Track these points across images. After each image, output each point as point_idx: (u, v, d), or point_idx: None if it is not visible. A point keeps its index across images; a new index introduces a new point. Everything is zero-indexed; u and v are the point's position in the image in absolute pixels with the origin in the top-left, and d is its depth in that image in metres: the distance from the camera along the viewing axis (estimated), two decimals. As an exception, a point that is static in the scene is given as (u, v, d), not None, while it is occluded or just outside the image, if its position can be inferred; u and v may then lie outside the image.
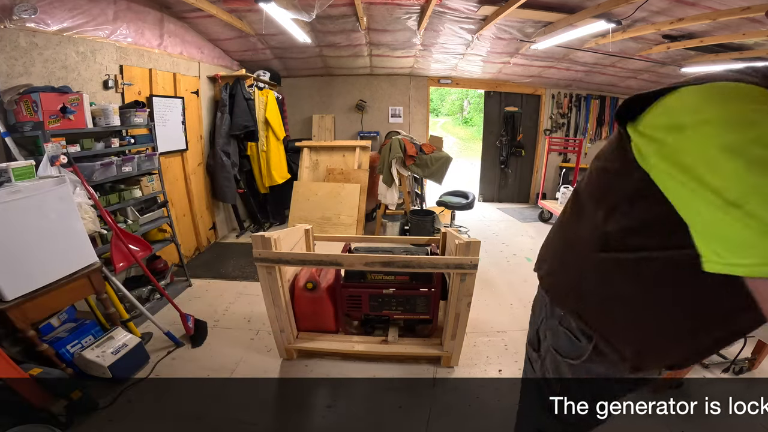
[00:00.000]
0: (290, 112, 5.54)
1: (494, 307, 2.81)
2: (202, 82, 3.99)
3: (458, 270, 1.92)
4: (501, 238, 4.55)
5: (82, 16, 2.56)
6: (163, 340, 2.39)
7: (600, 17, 3.11)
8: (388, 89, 5.72)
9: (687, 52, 4.05)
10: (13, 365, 1.67)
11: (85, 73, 2.63)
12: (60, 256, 1.97)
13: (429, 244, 2.59)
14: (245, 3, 3.20)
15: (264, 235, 1.92)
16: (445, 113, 18.32)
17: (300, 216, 4.28)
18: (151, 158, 2.85)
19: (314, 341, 2.28)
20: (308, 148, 4.81)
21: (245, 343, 2.42)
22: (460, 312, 2.02)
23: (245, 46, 4.33)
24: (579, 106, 6.01)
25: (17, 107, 2.12)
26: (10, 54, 2.18)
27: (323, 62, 5.05)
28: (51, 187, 1.95)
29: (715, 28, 3.28)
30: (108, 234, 2.38)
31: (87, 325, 2.12)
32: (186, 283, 3.20)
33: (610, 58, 4.47)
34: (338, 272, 2.27)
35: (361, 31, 3.94)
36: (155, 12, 3.22)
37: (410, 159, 4.17)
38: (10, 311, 1.75)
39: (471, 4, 3.30)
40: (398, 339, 2.28)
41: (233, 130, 4.12)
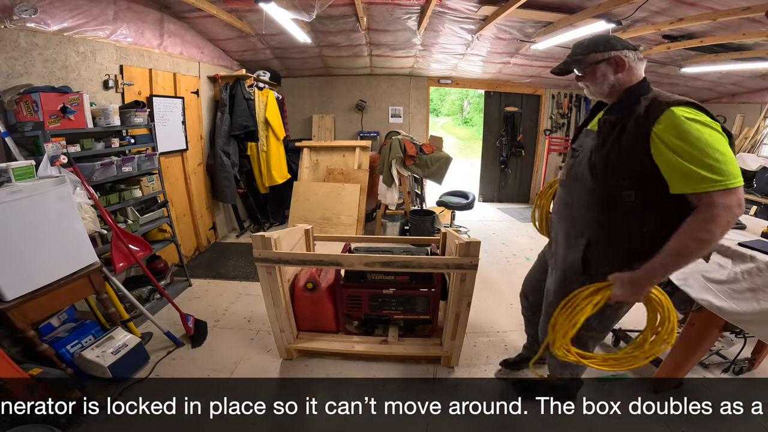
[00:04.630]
0: (290, 112, 5.54)
1: (494, 307, 2.81)
2: (202, 82, 3.99)
3: (458, 270, 1.92)
4: (501, 238, 4.55)
5: (83, 16, 2.56)
6: (163, 340, 2.39)
7: (600, 17, 3.10)
8: (388, 89, 5.72)
9: (687, 52, 4.05)
10: (13, 365, 1.67)
11: (85, 73, 2.63)
12: (60, 256, 1.97)
13: (429, 245, 2.59)
14: (245, 3, 3.20)
15: (264, 235, 1.92)
16: (445, 113, 18.31)
17: (300, 216, 4.28)
18: (151, 158, 2.84)
19: (314, 341, 2.28)
20: (308, 148, 4.81)
21: (245, 343, 2.42)
22: (460, 312, 2.02)
23: (245, 46, 4.33)
24: (579, 106, 6.01)
25: (17, 107, 2.12)
26: (10, 54, 2.18)
27: (323, 62, 5.05)
28: (51, 187, 1.95)
29: (715, 28, 3.28)
30: (108, 234, 2.38)
31: (87, 325, 2.12)
32: (186, 283, 3.20)
33: (610, 58, 4.46)
34: (338, 272, 2.27)
35: (361, 31, 3.94)
36: (155, 12, 3.22)
37: (410, 159, 4.17)
38: (10, 311, 1.75)
39: (471, 4, 3.30)
40: (398, 339, 2.28)
41: (233, 130, 4.11)
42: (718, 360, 2.14)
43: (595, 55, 1.33)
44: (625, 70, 1.31)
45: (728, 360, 2.10)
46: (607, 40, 1.34)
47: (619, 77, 1.31)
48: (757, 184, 3.85)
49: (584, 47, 1.37)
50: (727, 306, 1.52)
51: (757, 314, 1.44)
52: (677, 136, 1.12)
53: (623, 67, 1.31)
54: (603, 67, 1.32)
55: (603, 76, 1.33)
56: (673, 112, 1.15)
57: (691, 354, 1.82)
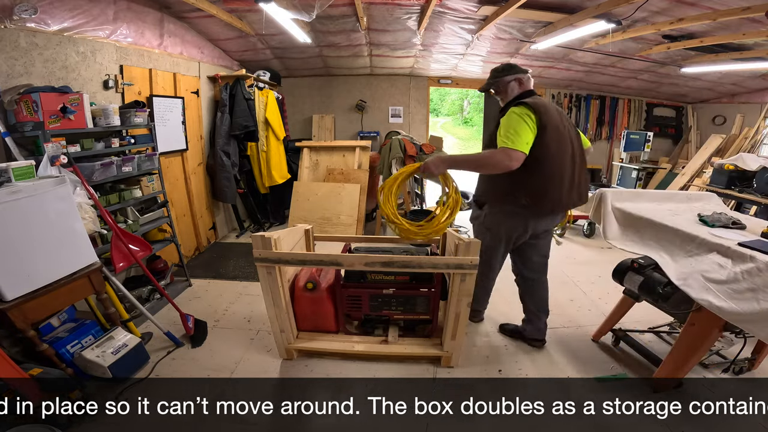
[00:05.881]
0: (290, 112, 5.54)
1: (494, 306, 2.80)
2: (202, 82, 3.99)
3: (458, 270, 1.92)
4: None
5: (83, 16, 2.56)
6: (163, 340, 2.38)
7: (600, 17, 3.11)
8: (388, 89, 5.72)
9: (687, 52, 4.05)
10: (13, 365, 1.67)
11: (85, 73, 2.63)
12: (60, 256, 1.97)
13: (429, 244, 2.59)
14: (245, 3, 3.20)
15: (264, 235, 1.92)
16: (445, 113, 18.32)
17: (300, 216, 4.28)
18: (151, 158, 2.84)
19: (314, 341, 2.28)
20: (308, 148, 4.81)
21: (245, 343, 2.42)
22: (460, 312, 2.02)
23: (245, 46, 4.33)
24: (579, 106, 6.01)
25: (17, 107, 2.12)
26: (10, 54, 2.18)
27: (323, 62, 5.05)
28: (51, 187, 1.95)
29: (715, 28, 3.29)
30: (108, 234, 2.38)
31: (87, 325, 2.11)
32: (186, 283, 3.20)
33: (610, 59, 4.47)
34: (338, 272, 2.27)
35: (361, 31, 3.94)
36: (155, 12, 3.22)
37: (410, 159, 4.17)
38: (10, 311, 1.75)
39: (471, 4, 3.30)
40: (398, 339, 2.28)
41: (233, 130, 4.11)
42: (718, 360, 2.14)
43: (507, 77, 2.07)
44: (522, 85, 2.07)
45: (728, 360, 2.10)
46: (512, 67, 2.09)
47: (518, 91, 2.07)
48: (757, 184, 3.84)
49: (499, 72, 2.10)
50: (727, 306, 1.52)
51: (757, 314, 1.44)
52: (504, 120, 1.93)
53: (521, 84, 2.07)
54: (512, 84, 2.07)
55: (511, 90, 2.08)
56: (512, 108, 1.93)
57: (691, 354, 1.82)
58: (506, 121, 1.89)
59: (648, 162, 5.59)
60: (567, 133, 2.01)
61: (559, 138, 1.94)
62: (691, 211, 2.09)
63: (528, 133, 1.85)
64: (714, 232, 1.76)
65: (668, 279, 1.78)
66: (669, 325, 2.40)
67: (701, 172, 5.06)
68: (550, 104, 2.05)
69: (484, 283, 2.36)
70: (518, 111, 1.88)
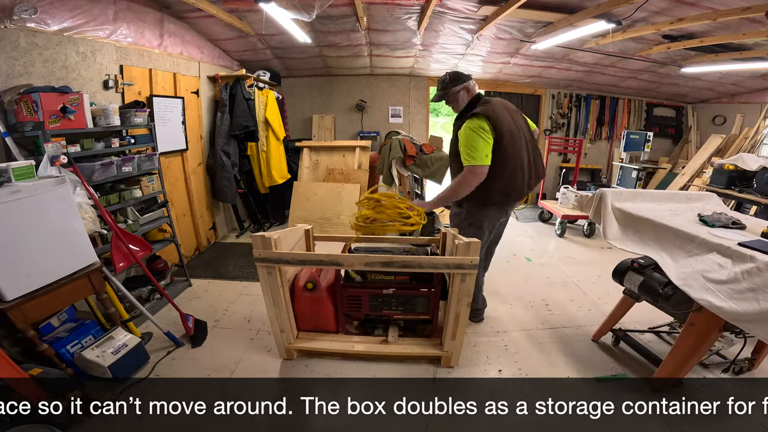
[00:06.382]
0: (290, 112, 5.53)
1: (494, 307, 2.81)
2: (202, 82, 3.99)
3: (458, 270, 1.92)
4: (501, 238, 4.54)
5: (83, 16, 2.56)
6: (163, 340, 2.38)
7: (600, 17, 3.11)
8: (388, 89, 5.71)
9: (687, 52, 4.05)
10: (13, 365, 1.67)
11: (85, 73, 2.63)
12: (60, 256, 1.97)
13: (429, 244, 2.59)
14: (245, 3, 3.20)
15: (264, 235, 1.92)
16: (445, 113, 18.28)
17: (300, 216, 4.28)
18: (151, 158, 2.84)
19: (314, 341, 2.28)
20: (308, 148, 4.81)
21: (245, 343, 2.42)
22: (460, 312, 2.02)
23: (245, 46, 4.33)
24: (579, 106, 6.01)
25: (17, 107, 2.12)
26: (10, 54, 2.18)
27: (323, 62, 5.05)
28: (51, 187, 1.95)
29: (715, 28, 3.29)
30: (108, 234, 2.38)
31: (87, 325, 2.11)
32: (186, 283, 3.20)
33: (610, 59, 4.47)
34: (338, 272, 2.27)
35: (361, 31, 3.94)
36: (155, 12, 3.22)
37: (410, 159, 4.17)
38: (10, 311, 1.75)
39: (471, 4, 3.30)
40: (398, 339, 2.28)
41: (233, 130, 4.11)
42: (718, 360, 2.14)
43: (456, 87, 2.22)
44: (470, 93, 2.23)
45: (728, 360, 2.10)
46: (458, 77, 2.23)
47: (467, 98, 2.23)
48: (757, 184, 3.84)
49: (447, 84, 2.23)
50: (727, 306, 1.52)
51: (757, 314, 1.44)
52: (462, 136, 2.12)
53: (469, 92, 2.23)
54: (461, 93, 2.22)
55: (462, 99, 2.24)
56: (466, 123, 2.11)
57: (691, 354, 1.82)
58: (464, 138, 2.10)
59: (648, 162, 5.59)
60: (518, 128, 2.21)
61: (513, 138, 2.15)
62: (691, 211, 2.09)
63: (486, 146, 2.07)
64: (714, 232, 1.76)
65: (668, 279, 1.78)
66: (669, 325, 2.40)
67: (701, 172, 5.07)
68: (498, 104, 2.21)
69: None
70: (473, 125, 2.07)
